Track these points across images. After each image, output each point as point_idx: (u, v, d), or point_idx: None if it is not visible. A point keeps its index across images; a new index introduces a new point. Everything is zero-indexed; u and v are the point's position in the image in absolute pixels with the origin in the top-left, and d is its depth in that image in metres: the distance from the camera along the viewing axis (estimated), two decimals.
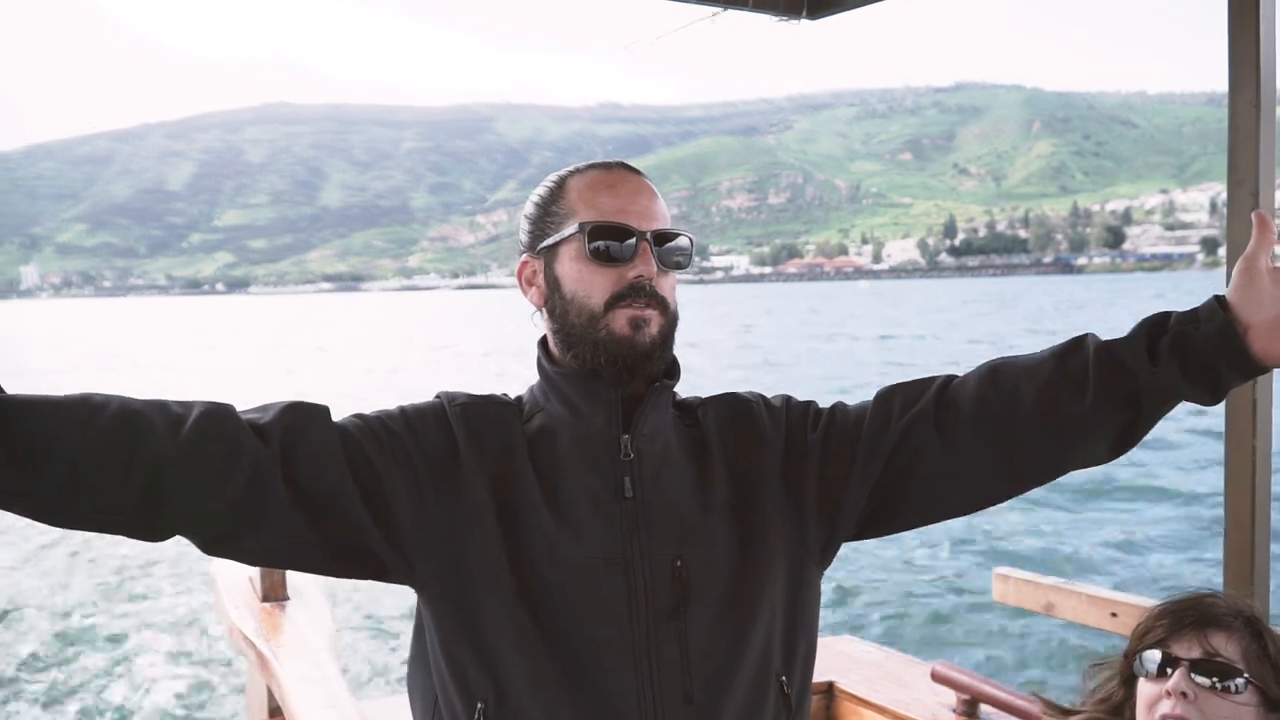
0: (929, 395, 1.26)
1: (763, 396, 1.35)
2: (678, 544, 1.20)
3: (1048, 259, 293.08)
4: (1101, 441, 1.20)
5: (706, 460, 1.27)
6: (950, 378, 1.28)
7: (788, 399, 1.36)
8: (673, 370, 1.28)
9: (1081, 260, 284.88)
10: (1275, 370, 1.16)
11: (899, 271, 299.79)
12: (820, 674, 2.37)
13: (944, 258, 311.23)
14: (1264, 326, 1.10)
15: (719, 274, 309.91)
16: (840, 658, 2.90)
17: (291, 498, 1.12)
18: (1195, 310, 1.15)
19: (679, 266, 1.25)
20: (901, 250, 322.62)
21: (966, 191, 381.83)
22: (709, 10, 2.62)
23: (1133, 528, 12.02)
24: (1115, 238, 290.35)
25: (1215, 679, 1.39)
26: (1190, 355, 1.13)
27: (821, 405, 1.35)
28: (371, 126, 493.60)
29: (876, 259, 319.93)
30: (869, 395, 1.30)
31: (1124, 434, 1.19)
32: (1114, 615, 2.20)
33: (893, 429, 1.25)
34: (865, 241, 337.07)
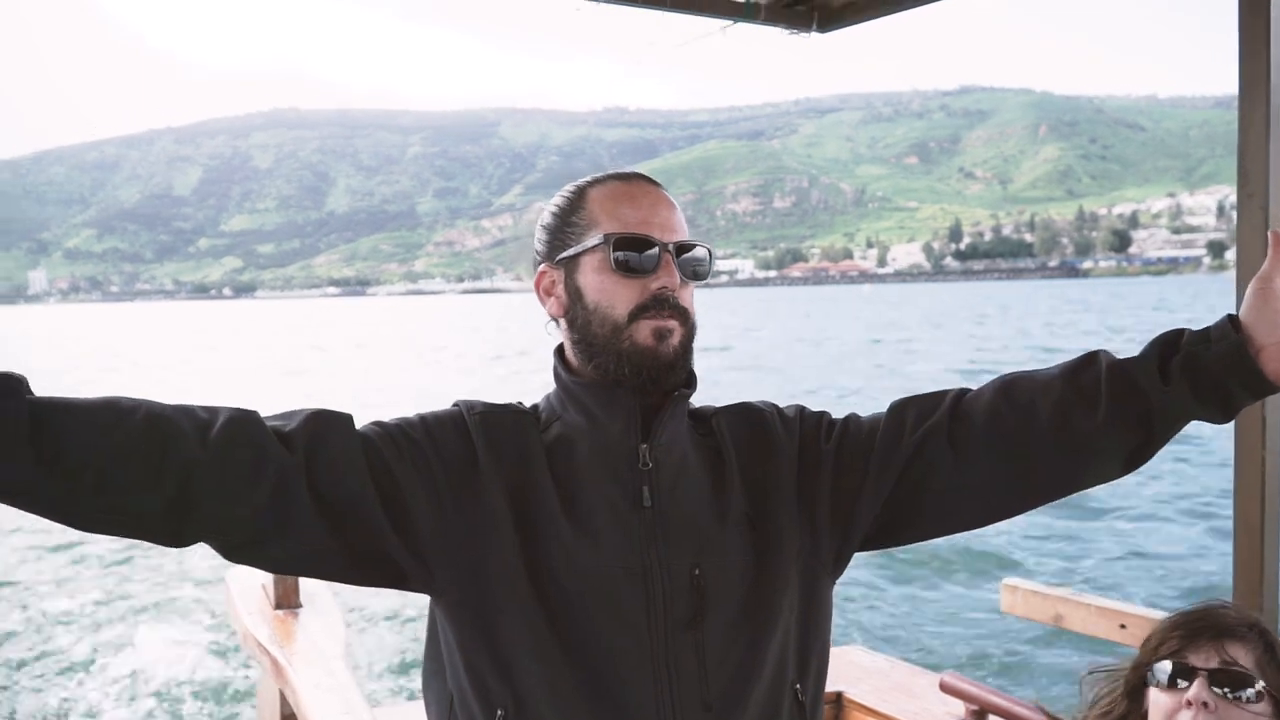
0: (943, 409, 1.26)
1: (776, 406, 1.36)
2: (695, 554, 1.21)
3: (1053, 263, 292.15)
4: (1115, 458, 1.21)
5: (722, 470, 1.28)
6: (964, 391, 1.29)
7: (801, 409, 1.36)
8: (690, 380, 1.28)
9: (1087, 264, 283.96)
10: None
11: (904, 275, 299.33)
12: (829, 684, 2.28)
13: (949, 261, 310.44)
14: (1277, 347, 1.11)
15: (723, 278, 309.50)
16: (849, 667, 2.91)
17: (314, 505, 1.12)
18: (1207, 330, 1.15)
19: (698, 277, 1.27)
20: (906, 254, 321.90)
21: (972, 195, 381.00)
22: (720, 23, 2.64)
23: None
24: (1121, 241, 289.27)
25: (1233, 689, 1.41)
26: (1201, 376, 1.13)
27: (835, 416, 1.35)
28: (378, 131, 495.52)
29: (881, 263, 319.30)
30: (855, 398, 1.45)
31: (1137, 451, 1.20)
32: (1123, 627, 2.20)
33: (906, 442, 1.26)
34: (870, 245, 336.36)
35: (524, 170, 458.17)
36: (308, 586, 2.92)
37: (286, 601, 2.85)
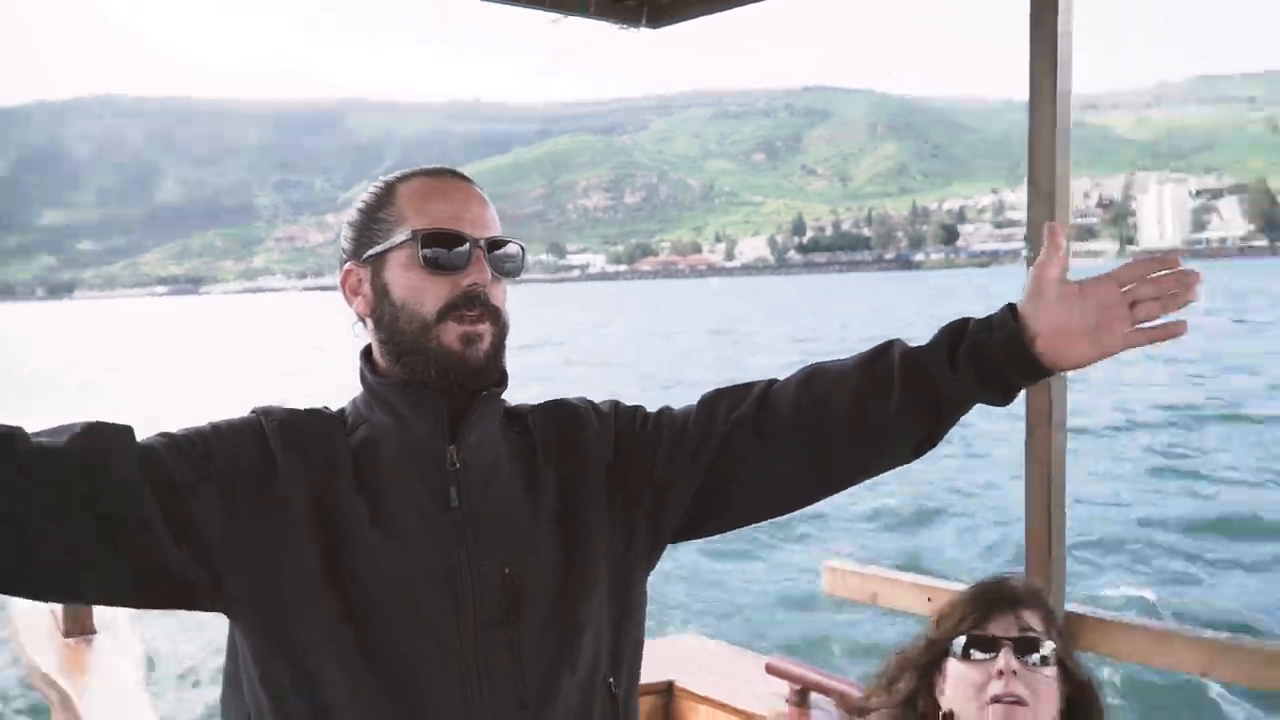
0: (750, 400, 1.28)
1: (591, 402, 1.36)
2: (508, 553, 1.20)
3: (889, 256, 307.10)
4: (906, 445, 1.25)
5: (535, 468, 1.27)
6: (772, 382, 1.31)
7: (616, 404, 1.37)
8: (501, 379, 1.26)
9: (919, 256, 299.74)
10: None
11: (750, 269, 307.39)
12: (660, 673, 2.44)
13: (792, 255, 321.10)
14: (1050, 335, 1.15)
15: (575, 272, 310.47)
16: (680, 656, 2.95)
17: (89, 524, 1.05)
18: (990, 318, 1.20)
19: (510, 274, 1.25)
20: (752, 248, 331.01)
21: (814, 191, 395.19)
22: (548, 16, 2.64)
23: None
24: (950, 235, 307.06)
25: (1032, 655, 1.48)
26: (984, 364, 1.18)
27: (649, 410, 1.37)
28: (212, 119, 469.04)
29: (729, 256, 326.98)
30: (700, 391, 1.34)
31: (927, 438, 1.24)
32: (929, 600, 2.35)
33: (715, 433, 1.27)
34: (718, 239, 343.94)
35: (371, 164, 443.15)
36: (104, 611, 2.73)
37: (79, 628, 2.65)
